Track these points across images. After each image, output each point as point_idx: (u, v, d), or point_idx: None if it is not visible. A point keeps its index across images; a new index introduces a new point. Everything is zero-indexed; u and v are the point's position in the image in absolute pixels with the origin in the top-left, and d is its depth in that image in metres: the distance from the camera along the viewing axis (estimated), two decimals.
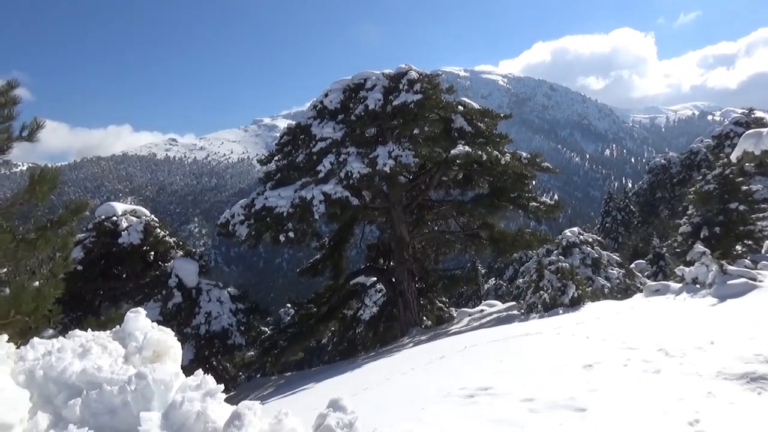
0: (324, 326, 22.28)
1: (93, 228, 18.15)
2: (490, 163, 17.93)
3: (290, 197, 17.06)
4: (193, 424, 2.18)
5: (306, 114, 20.33)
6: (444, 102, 18.83)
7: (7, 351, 2.68)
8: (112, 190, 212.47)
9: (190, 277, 18.20)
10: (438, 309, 23.22)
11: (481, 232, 20.46)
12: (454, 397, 5.40)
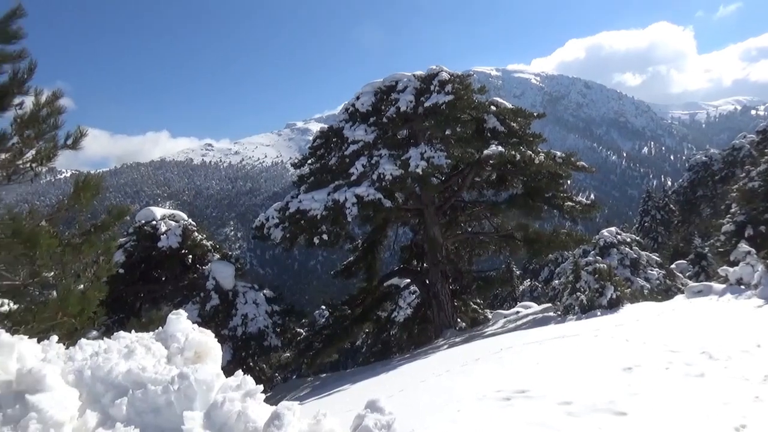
0: (358, 328, 22.37)
1: (133, 232, 18.65)
2: (523, 162, 17.72)
3: (323, 200, 17.20)
4: (234, 423, 2.24)
5: (338, 117, 20.49)
6: (476, 102, 18.69)
7: (57, 351, 2.80)
8: (151, 195, 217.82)
9: (226, 279, 18.52)
10: (472, 311, 23.05)
11: (516, 232, 20.22)
12: (490, 400, 5.35)
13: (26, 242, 5.76)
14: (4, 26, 6.13)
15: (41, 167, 6.66)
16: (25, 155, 6.41)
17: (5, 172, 6.38)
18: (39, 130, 6.33)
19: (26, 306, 6.61)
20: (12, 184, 6.74)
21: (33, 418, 2.21)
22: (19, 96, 6.48)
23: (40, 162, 6.47)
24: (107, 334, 4.13)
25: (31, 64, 6.41)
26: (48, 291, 7.19)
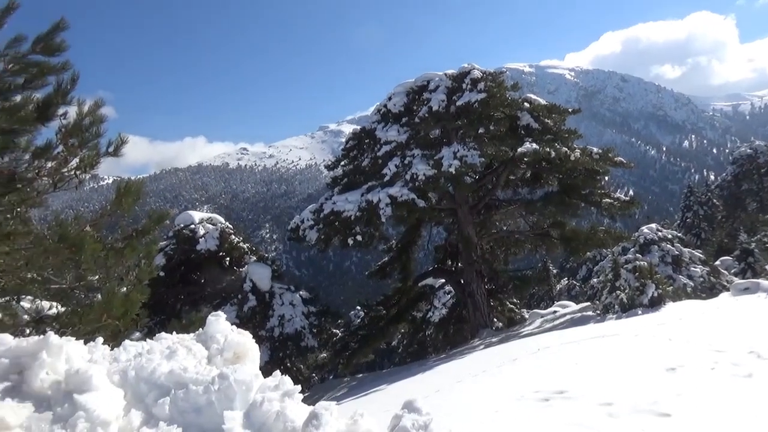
0: (394, 328, 22.41)
1: (173, 236, 19.10)
2: (559, 159, 17.45)
3: (357, 201, 17.29)
4: (273, 423, 2.27)
5: (370, 118, 20.56)
6: (509, 99, 18.50)
7: (102, 353, 2.90)
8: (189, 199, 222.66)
9: (263, 281, 18.79)
10: (509, 310, 22.81)
11: (552, 231, 19.90)
12: (528, 400, 5.29)
13: (72, 247, 5.97)
14: (49, 39, 6.37)
15: (85, 174, 6.89)
16: (69, 163, 6.64)
17: (51, 180, 6.62)
18: (82, 138, 6.55)
19: (73, 309, 6.85)
20: (58, 192, 7.00)
21: (81, 416, 2.29)
22: (63, 106, 6.72)
23: (83, 169, 6.69)
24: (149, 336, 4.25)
25: (73, 75, 6.63)
26: (93, 294, 7.44)
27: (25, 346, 2.67)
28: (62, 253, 5.96)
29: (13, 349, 2.68)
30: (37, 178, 6.68)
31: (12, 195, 6.55)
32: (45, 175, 6.68)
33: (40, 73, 6.47)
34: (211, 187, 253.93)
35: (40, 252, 5.93)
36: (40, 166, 6.58)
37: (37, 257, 6.01)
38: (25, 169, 6.56)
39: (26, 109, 6.23)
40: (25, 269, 6.36)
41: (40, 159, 6.63)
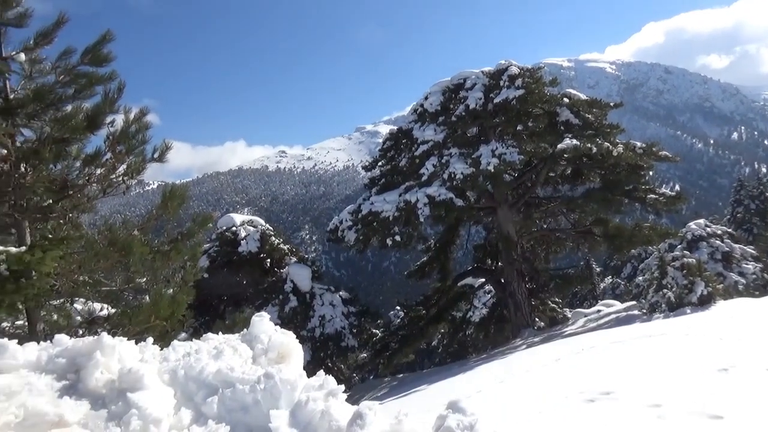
0: (433, 328, 22.33)
1: (216, 238, 19.53)
2: (600, 155, 17.06)
3: (395, 201, 17.31)
4: (318, 422, 2.31)
5: (407, 118, 20.57)
6: (548, 95, 18.21)
7: (152, 352, 3.00)
8: (230, 202, 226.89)
9: (304, 282, 19.01)
10: (551, 310, 22.42)
11: (595, 228, 19.46)
12: (573, 401, 5.19)
13: (121, 250, 6.19)
14: (96, 51, 6.61)
15: (132, 180, 7.15)
16: (117, 170, 6.89)
17: (101, 186, 6.88)
18: (129, 145, 6.78)
19: (122, 310, 7.10)
20: (106, 197, 7.27)
21: (134, 414, 2.38)
22: (111, 115, 6.98)
23: (130, 175, 6.93)
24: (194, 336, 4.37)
25: (120, 84, 6.88)
26: (141, 296, 7.69)
27: (80, 346, 2.79)
28: (112, 256, 6.19)
29: (69, 349, 2.81)
30: (88, 185, 6.96)
31: (64, 201, 6.83)
32: (95, 182, 6.95)
33: (89, 84, 6.72)
34: (251, 190, 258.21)
35: (91, 256, 6.16)
36: (90, 173, 6.85)
37: (89, 261, 6.25)
38: (76, 176, 6.84)
39: (77, 118, 6.49)
40: (78, 272, 6.62)
41: (90, 166, 6.90)
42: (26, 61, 6.61)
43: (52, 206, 6.72)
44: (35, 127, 6.73)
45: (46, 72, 6.74)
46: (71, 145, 6.80)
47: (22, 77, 6.71)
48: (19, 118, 6.53)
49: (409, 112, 20.79)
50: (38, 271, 4.99)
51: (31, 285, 5.00)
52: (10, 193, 6.35)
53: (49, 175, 6.65)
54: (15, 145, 6.39)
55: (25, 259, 4.93)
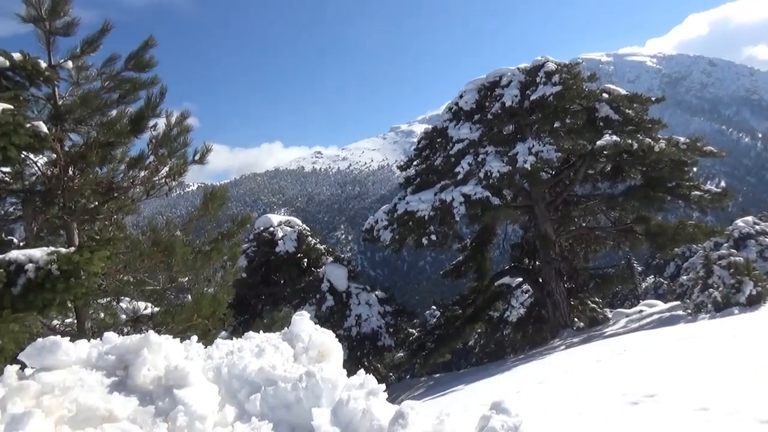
0: (470, 328, 22.18)
1: (254, 238, 19.86)
2: (642, 151, 16.63)
3: (430, 200, 17.27)
4: (359, 421, 2.32)
5: (441, 117, 20.49)
6: (586, 91, 17.87)
7: (197, 350, 3.08)
8: (268, 203, 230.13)
9: (340, 281, 19.16)
10: (590, 310, 21.99)
11: (636, 226, 18.97)
12: (615, 403, 5.08)
13: (164, 250, 6.37)
14: (139, 57, 6.81)
15: (174, 182, 7.34)
16: (160, 172, 7.08)
17: (144, 188, 7.09)
18: (171, 148, 6.97)
19: (166, 309, 7.30)
20: (150, 199, 7.48)
21: (180, 410, 2.45)
22: (153, 118, 7.19)
23: (172, 177, 7.12)
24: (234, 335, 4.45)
25: (162, 89, 7.07)
26: (183, 295, 7.89)
27: (128, 343, 2.88)
28: (156, 256, 6.36)
29: (118, 347, 2.90)
30: (132, 187, 7.18)
31: (110, 203, 7.06)
32: (138, 184, 7.17)
33: (133, 89, 6.94)
34: (287, 191, 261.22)
35: (136, 256, 6.36)
36: (134, 175, 7.06)
37: (134, 261, 6.44)
38: (121, 178, 7.06)
39: (121, 122, 6.70)
40: (123, 272, 6.83)
41: (134, 169, 7.12)
42: (73, 68, 6.86)
43: (99, 208, 6.96)
44: (82, 131, 6.98)
45: (92, 78, 6.98)
46: (116, 148, 7.03)
47: (69, 84, 6.97)
48: (68, 124, 6.79)
49: (443, 111, 20.70)
50: (86, 270, 5.16)
51: (80, 284, 5.17)
52: (59, 195, 6.60)
53: (95, 178, 6.89)
54: (64, 150, 6.64)
55: (74, 260, 5.11)
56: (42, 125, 5.54)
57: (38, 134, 5.42)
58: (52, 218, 7.05)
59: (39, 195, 6.68)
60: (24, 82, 6.19)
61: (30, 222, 6.80)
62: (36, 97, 6.69)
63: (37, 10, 6.40)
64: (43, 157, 6.64)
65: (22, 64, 6.03)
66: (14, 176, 6.63)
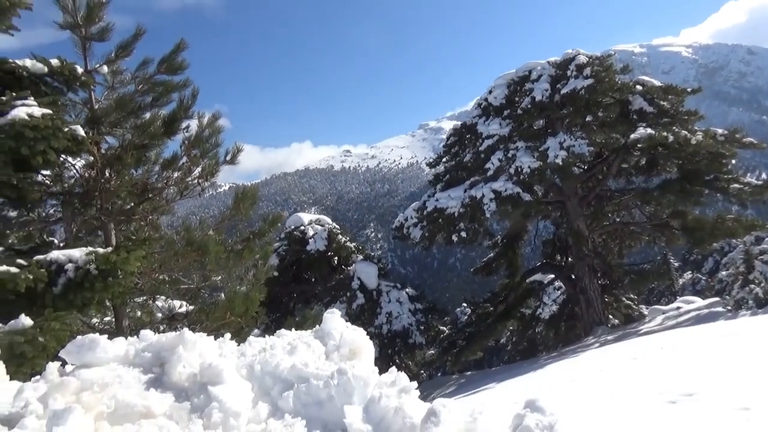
0: (502, 325, 21.99)
1: (285, 237, 20.07)
2: (677, 144, 16.21)
3: (460, 197, 17.18)
4: (391, 418, 2.32)
5: (470, 113, 20.34)
6: (619, 84, 17.50)
7: (230, 348, 3.13)
8: (298, 202, 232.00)
9: (370, 279, 19.22)
10: (625, 307, 21.57)
11: (672, 221, 18.51)
12: (652, 402, 4.97)
13: (198, 250, 6.49)
14: (171, 60, 6.95)
15: (206, 182, 7.47)
16: (193, 172, 7.22)
17: (178, 189, 7.24)
18: (203, 149, 7.10)
19: (200, 307, 7.44)
20: (183, 199, 7.63)
21: (215, 407, 2.49)
22: (186, 120, 7.33)
23: (205, 177, 7.25)
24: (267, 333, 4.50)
25: (193, 91, 7.21)
26: (217, 293, 8.03)
27: (164, 341, 2.94)
28: (190, 255, 6.49)
29: (154, 344, 2.97)
30: (166, 188, 7.34)
31: (145, 204, 7.23)
32: (172, 185, 7.32)
33: (165, 92, 7.09)
34: (317, 190, 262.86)
35: (171, 255, 6.49)
36: (168, 176, 7.22)
37: (169, 260, 6.59)
38: (155, 179, 7.22)
39: (155, 125, 6.86)
40: (159, 271, 6.99)
41: (168, 170, 7.28)
42: (108, 72, 7.04)
43: (134, 209, 7.13)
44: (118, 134, 7.17)
45: (127, 82, 7.16)
46: (150, 150, 7.20)
47: (105, 88, 7.16)
48: (104, 127, 6.97)
49: (472, 107, 20.54)
50: (123, 270, 5.30)
51: (118, 283, 5.32)
52: (96, 197, 6.78)
53: (131, 180, 7.07)
54: (100, 152, 6.82)
55: (112, 259, 5.26)
56: (79, 129, 5.70)
57: (76, 138, 5.58)
58: (90, 219, 7.25)
59: (77, 197, 6.88)
60: (62, 87, 6.39)
61: (69, 223, 7.01)
62: (73, 101, 6.89)
63: (73, 17, 6.59)
64: (81, 159, 6.84)
65: (59, 69, 6.22)
66: (54, 179, 6.84)
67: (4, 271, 4.76)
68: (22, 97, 5.42)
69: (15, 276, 4.77)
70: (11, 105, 5.27)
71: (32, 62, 6.11)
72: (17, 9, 5.91)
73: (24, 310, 4.65)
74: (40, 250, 6.09)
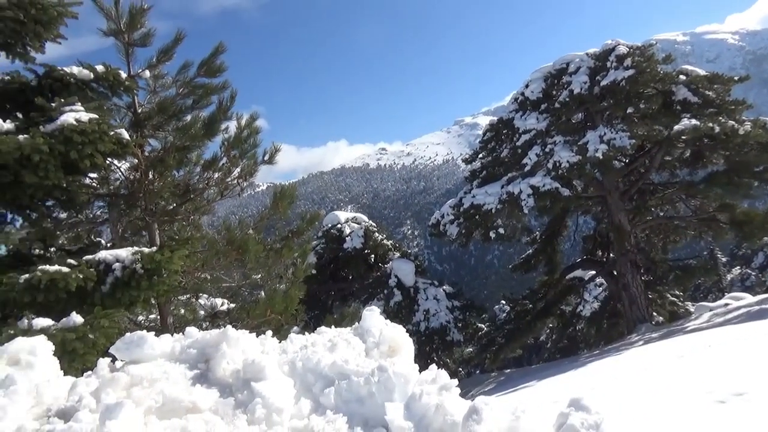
0: (541, 323, 21.68)
1: (322, 236, 20.27)
2: (724, 135, 15.63)
3: (497, 193, 16.99)
4: (432, 415, 2.32)
5: (507, 108, 20.09)
6: (661, 74, 16.97)
7: (272, 344, 3.19)
8: (334, 200, 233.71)
9: (407, 276, 19.23)
10: (670, 303, 20.97)
11: (719, 214, 17.87)
12: (700, 402, 4.82)
13: (238, 249, 6.63)
14: (210, 63, 7.10)
15: (245, 182, 7.62)
16: (232, 173, 7.37)
17: (218, 189, 7.40)
18: (242, 149, 7.23)
19: (241, 305, 7.60)
20: (223, 199, 7.80)
21: (258, 403, 2.54)
22: (225, 122, 7.49)
23: (244, 177, 7.40)
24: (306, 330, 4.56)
25: (232, 93, 7.35)
26: (257, 291, 8.18)
27: (208, 338, 3.02)
28: (231, 254, 6.63)
29: (199, 341, 3.05)
30: (207, 188, 7.52)
31: (187, 204, 7.41)
32: (213, 185, 7.49)
33: (205, 94, 7.25)
34: (353, 188, 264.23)
35: (212, 254, 6.65)
36: (208, 177, 7.39)
37: (210, 259, 6.74)
38: (196, 180, 7.40)
39: (195, 127, 7.02)
40: (201, 270, 7.17)
41: (208, 170, 7.45)
42: (151, 77, 7.25)
43: (177, 209, 7.33)
44: (160, 137, 7.37)
45: (168, 86, 7.35)
46: (191, 152, 7.38)
47: (147, 92, 7.37)
48: (147, 130, 7.18)
49: (509, 102, 20.28)
50: (168, 269, 5.45)
51: (162, 282, 5.47)
52: (141, 198, 6.99)
53: (173, 181, 7.26)
54: (144, 155, 7.03)
55: (156, 258, 5.41)
56: (124, 132, 5.88)
57: (121, 141, 5.76)
58: (135, 220, 7.49)
59: (123, 198, 7.10)
60: (107, 92, 6.60)
61: (115, 224, 7.25)
62: (118, 106, 7.12)
63: (116, 24, 6.80)
64: (126, 162, 7.06)
65: (104, 75, 6.43)
66: (101, 181, 7.09)
67: (57, 271, 4.96)
68: (70, 102, 5.63)
69: (66, 275, 4.96)
70: (60, 111, 5.48)
71: (79, 69, 6.34)
72: (64, 18, 6.13)
73: (75, 308, 4.84)
74: (89, 250, 6.32)
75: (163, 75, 7.39)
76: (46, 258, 6.04)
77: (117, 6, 6.75)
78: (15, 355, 2.99)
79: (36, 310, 4.97)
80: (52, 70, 6.21)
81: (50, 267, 5.05)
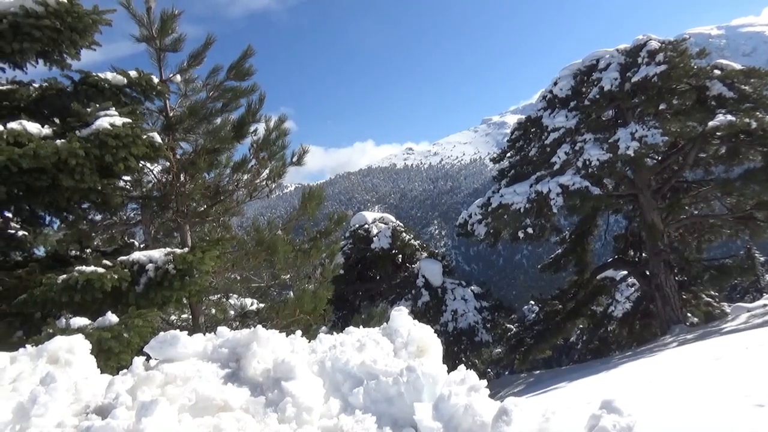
0: (571, 323, 21.38)
1: (350, 236, 20.37)
2: (762, 130, 15.20)
3: (526, 192, 16.83)
4: (461, 416, 2.32)
5: (535, 106, 19.88)
6: (695, 69, 16.57)
7: (301, 344, 3.22)
8: (361, 200, 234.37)
9: (435, 276, 19.18)
10: (705, 304, 20.45)
11: (757, 212, 17.37)
12: (737, 406, 4.69)
13: (267, 249, 6.71)
14: (239, 66, 7.21)
15: (274, 183, 7.71)
16: (261, 174, 7.47)
17: (248, 190, 7.51)
18: (271, 151, 7.33)
19: (270, 305, 7.69)
20: (252, 200, 7.91)
21: (288, 402, 2.58)
22: (254, 124, 7.59)
23: (273, 179, 7.49)
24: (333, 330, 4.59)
25: (260, 96, 7.45)
26: (286, 291, 8.27)
27: (239, 337, 3.07)
28: (260, 255, 6.72)
29: (230, 340, 3.10)
30: (236, 190, 7.63)
31: (218, 206, 7.54)
32: (242, 187, 7.61)
33: (234, 97, 7.36)
34: (380, 188, 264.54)
35: (242, 255, 6.75)
36: (238, 178, 7.50)
37: (240, 259, 6.84)
38: (226, 182, 7.52)
39: (225, 129, 7.14)
40: (231, 270, 7.28)
41: (237, 172, 7.57)
42: (181, 81, 7.40)
43: (208, 211, 7.46)
44: (191, 140, 7.52)
45: (198, 90, 7.50)
46: (221, 154, 7.51)
47: (178, 96, 7.52)
48: (178, 133, 7.33)
49: (537, 100, 20.07)
50: (199, 269, 5.56)
51: (194, 282, 5.58)
52: (173, 200, 7.14)
53: (204, 183, 7.40)
54: (176, 158, 7.18)
55: (188, 259, 5.52)
56: (156, 136, 6.02)
57: (153, 144, 5.89)
58: (167, 221, 7.65)
59: (156, 200, 7.26)
60: (139, 96, 6.77)
61: (148, 225, 7.42)
62: (150, 110, 7.29)
63: (148, 30, 6.97)
64: (158, 165, 7.22)
65: (137, 80, 6.59)
66: (134, 184, 7.26)
67: (93, 271, 5.10)
68: (104, 107, 5.79)
69: (102, 276, 5.09)
70: (95, 116, 5.64)
71: (113, 74, 6.51)
72: (99, 26, 6.30)
73: (110, 308, 4.97)
74: (123, 251, 6.48)
75: (194, 79, 7.54)
76: (82, 259, 6.22)
77: (149, 13, 6.91)
78: (54, 354, 3.09)
79: (73, 309, 5.12)
80: (88, 76, 6.39)
81: (86, 268, 5.19)
